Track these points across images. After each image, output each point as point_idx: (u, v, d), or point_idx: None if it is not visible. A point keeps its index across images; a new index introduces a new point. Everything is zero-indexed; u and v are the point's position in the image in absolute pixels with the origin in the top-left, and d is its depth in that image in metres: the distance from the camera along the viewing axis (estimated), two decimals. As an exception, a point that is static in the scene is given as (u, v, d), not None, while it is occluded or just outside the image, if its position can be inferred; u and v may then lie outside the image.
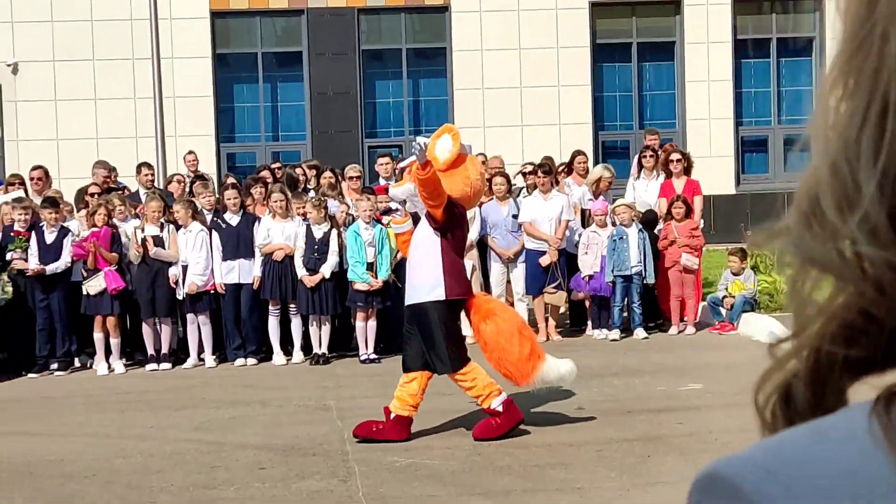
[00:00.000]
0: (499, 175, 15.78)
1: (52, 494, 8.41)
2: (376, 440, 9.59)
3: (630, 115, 27.92)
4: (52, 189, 16.39)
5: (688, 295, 15.49)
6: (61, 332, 14.59)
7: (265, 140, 26.89)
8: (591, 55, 27.19)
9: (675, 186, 16.02)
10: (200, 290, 14.38)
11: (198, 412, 11.48)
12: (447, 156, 9.72)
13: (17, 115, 25.57)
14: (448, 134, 9.90)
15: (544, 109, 26.70)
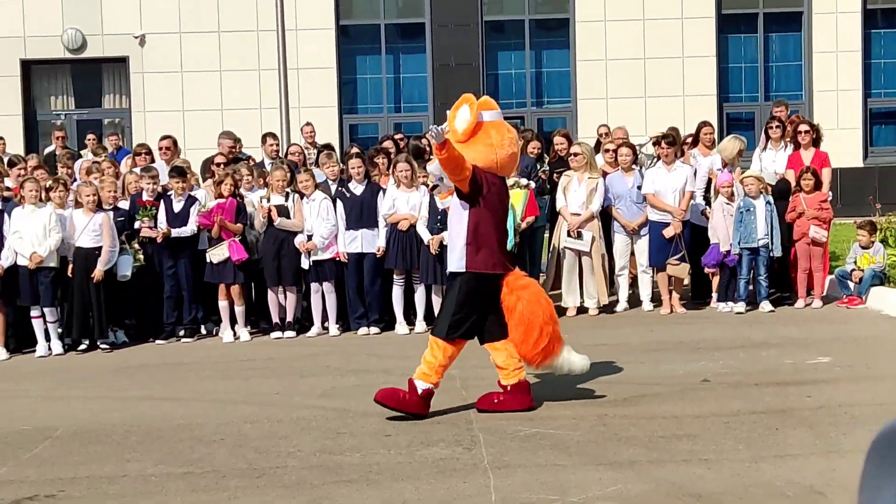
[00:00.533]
0: (624, 146, 15.66)
1: (183, 458, 8.53)
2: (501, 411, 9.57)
3: (755, 86, 27.52)
4: (179, 159, 16.61)
5: (815, 268, 15.21)
6: (188, 300, 14.81)
7: (387, 111, 27.01)
8: (716, 26, 26.82)
9: (803, 158, 15.74)
10: (323, 258, 14.48)
11: (322, 380, 11.57)
12: (465, 126, 9.54)
13: (144, 86, 26.01)
14: (466, 104, 9.69)
15: (668, 81, 26.45)
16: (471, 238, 9.51)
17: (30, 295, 14.10)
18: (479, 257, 9.53)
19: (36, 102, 26.64)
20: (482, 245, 9.55)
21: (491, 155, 9.59)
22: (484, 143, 9.57)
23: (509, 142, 9.74)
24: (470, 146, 9.52)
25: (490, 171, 9.63)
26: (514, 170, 11.38)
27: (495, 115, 9.85)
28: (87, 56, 26.14)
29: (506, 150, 9.69)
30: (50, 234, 13.95)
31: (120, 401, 10.92)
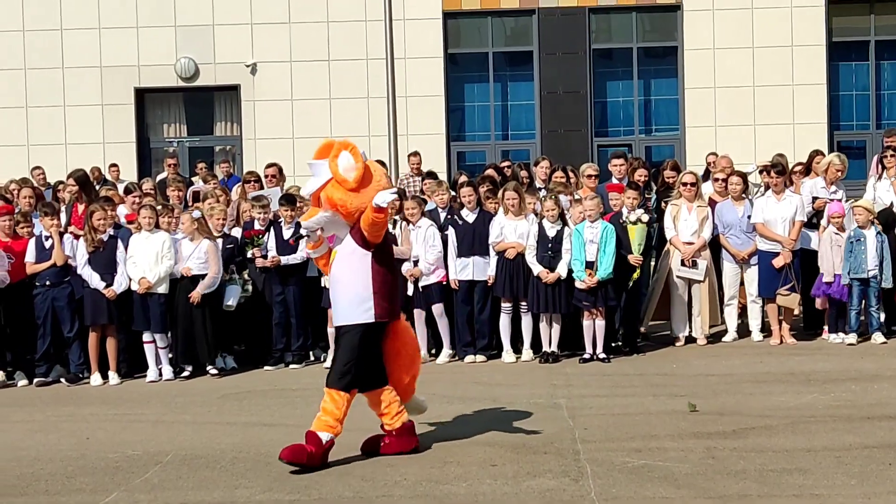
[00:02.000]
0: (735, 174, 15.50)
1: (291, 485, 8.58)
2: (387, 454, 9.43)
3: (867, 114, 27.09)
4: (294, 186, 16.77)
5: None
6: (296, 327, 14.92)
7: (494, 139, 27.02)
8: (826, 53, 26.47)
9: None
10: (429, 282, 14.51)
11: (430, 408, 11.54)
12: (355, 174, 9.12)
13: (255, 114, 26.31)
14: (345, 150, 9.22)
15: (778, 108, 26.15)
16: (378, 287, 9.22)
17: (142, 320, 14.32)
18: (387, 306, 9.29)
19: (149, 130, 27.08)
20: (389, 293, 9.34)
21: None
22: (373, 188, 9.18)
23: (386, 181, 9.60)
24: (363, 192, 9.13)
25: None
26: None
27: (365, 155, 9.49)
28: (199, 84, 26.53)
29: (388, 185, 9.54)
30: (162, 260, 14.16)
31: (229, 426, 11.03)
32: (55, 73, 26.06)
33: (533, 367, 14.10)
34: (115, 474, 9.12)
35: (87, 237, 14.25)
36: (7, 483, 8.96)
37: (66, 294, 14.36)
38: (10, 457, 9.85)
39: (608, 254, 14.09)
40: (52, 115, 26.06)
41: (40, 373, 14.40)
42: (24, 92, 26.00)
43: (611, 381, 12.91)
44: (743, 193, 15.35)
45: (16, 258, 14.40)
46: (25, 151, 25.62)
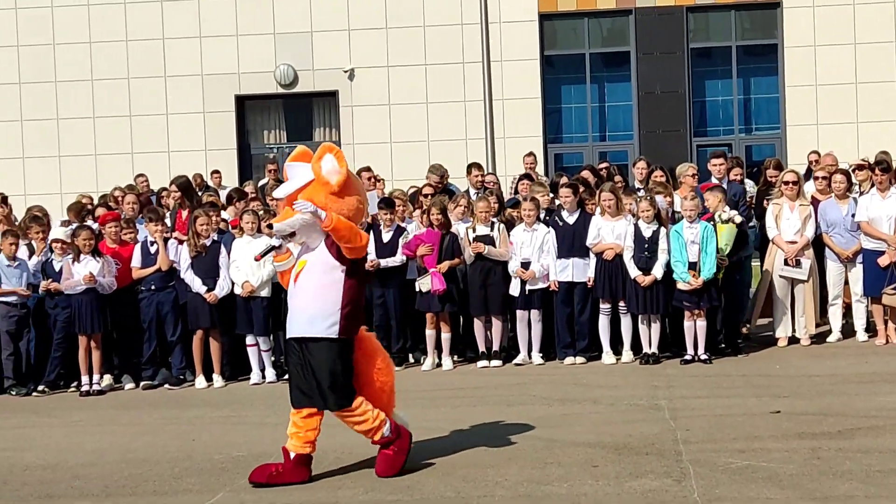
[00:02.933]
0: (839, 173, 15.31)
1: (392, 485, 8.63)
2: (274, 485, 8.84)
3: (974, 109, 26.59)
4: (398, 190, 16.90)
5: None
6: (395, 329, 15.01)
7: (592, 140, 26.95)
8: (932, 48, 26.06)
9: None
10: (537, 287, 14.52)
11: (529, 409, 11.58)
12: (338, 178, 8.79)
13: (353, 119, 26.51)
14: (330, 153, 8.91)
15: (881, 105, 25.74)
16: (346, 303, 8.87)
17: (245, 323, 14.50)
18: (353, 322, 8.97)
19: (249, 136, 27.42)
20: (356, 309, 9.00)
21: (360, 204, 9.03)
22: (355, 194, 8.96)
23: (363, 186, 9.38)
24: (344, 198, 8.85)
25: (354, 222, 8.92)
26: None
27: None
28: (298, 91, 26.82)
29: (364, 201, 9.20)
30: (264, 264, 14.31)
31: (332, 427, 11.04)
32: (157, 82, 26.50)
33: (633, 369, 14.04)
34: (221, 475, 9.25)
35: (190, 242, 14.46)
36: (118, 483, 9.13)
37: (171, 298, 14.59)
38: (120, 458, 10.03)
39: (710, 254, 13.98)
40: (154, 123, 26.51)
41: (146, 376, 14.65)
42: (127, 101, 26.46)
43: (713, 382, 12.81)
44: (847, 191, 15.15)
45: (122, 264, 14.67)
46: (130, 159, 26.08)
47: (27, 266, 14.82)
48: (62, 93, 26.53)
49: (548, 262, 14.54)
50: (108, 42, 26.41)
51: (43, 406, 13.73)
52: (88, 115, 26.57)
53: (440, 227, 14.69)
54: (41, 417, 12.90)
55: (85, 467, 9.84)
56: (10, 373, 14.66)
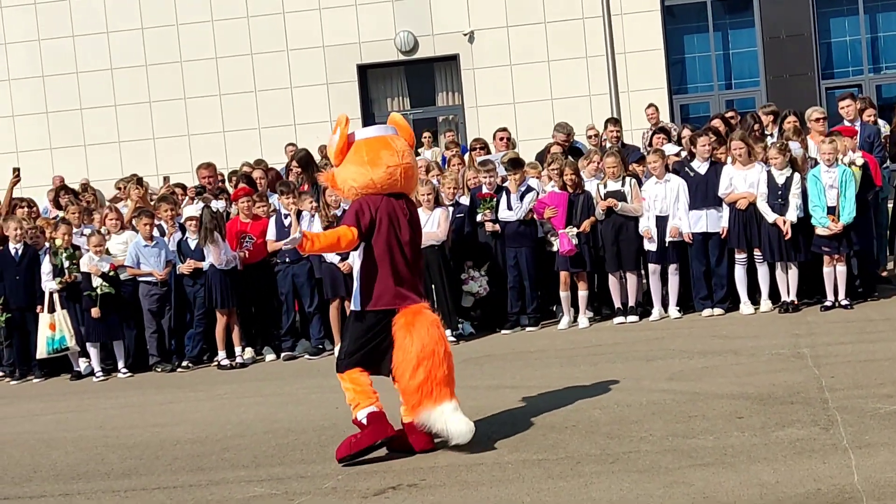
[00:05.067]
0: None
1: (536, 444, 8.62)
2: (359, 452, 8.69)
3: None
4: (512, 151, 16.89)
5: None
6: (529, 289, 15.02)
7: (718, 89, 26.59)
8: None
9: None
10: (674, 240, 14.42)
11: (669, 363, 11.51)
12: (333, 148, 8.85)
13: (476, 82, 26.47)
14: (338, 126, 8.94)
15: None
16: (363, 275, 8.83)
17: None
18: (373, 295, 8.77)
19: (373, 105, 27.55)
20: (376, 282, 8.78)
21: (366, 175, 8.80)
22: (355, 163, 8.83)
23: (389, 157, 8.84)
24: (343, 167, 8.89)
25: (375, 192, 8.85)
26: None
27: (375, 130, 9.17)
28: (419, 57, 26.85)
29: (382, 169, 8.79)
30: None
31: (471, 390, 11.15)
32: (280, 56, 26.73)
33: (773, 318, 13.86)
34: (366, 441, 9.34)
35: (321, 213, 14.60)
36: (266, 454, 9.29)
37: (306, 270, 14.78)
38: (266, 429, 10.20)
39: (849, 198, 13.71)
40: (279, 97, 26.76)
41: (286, 347, 14.86)
42: (251, 76, 26.75)
43: (855, 327, 12.60)
44: None
45: (257, 237, 14.89)
46: (256, 134, 26.39)
47: (165, 244, 15.12)
48: (188, 72, 26.91)
49: (681, 213, 14.40)
50: (229, 20, 26.70)
51: (188, 381, 14.02)
52: (214, 92, 26.93)
53: (573, 187, 14.63)
54: (186, 392, 13.16)
55: (233, 439, 10.03)
56: (154, 350, 15.00)
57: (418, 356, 8.55)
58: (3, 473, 9.60)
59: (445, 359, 8.69)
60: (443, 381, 8.63)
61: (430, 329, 8.68)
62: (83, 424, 11.65)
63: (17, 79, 27.22)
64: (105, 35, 27.02)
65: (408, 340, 8.60)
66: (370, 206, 8.79)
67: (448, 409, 8.61)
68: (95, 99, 27.05)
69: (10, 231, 15.50)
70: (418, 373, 8.55)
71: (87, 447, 10.32)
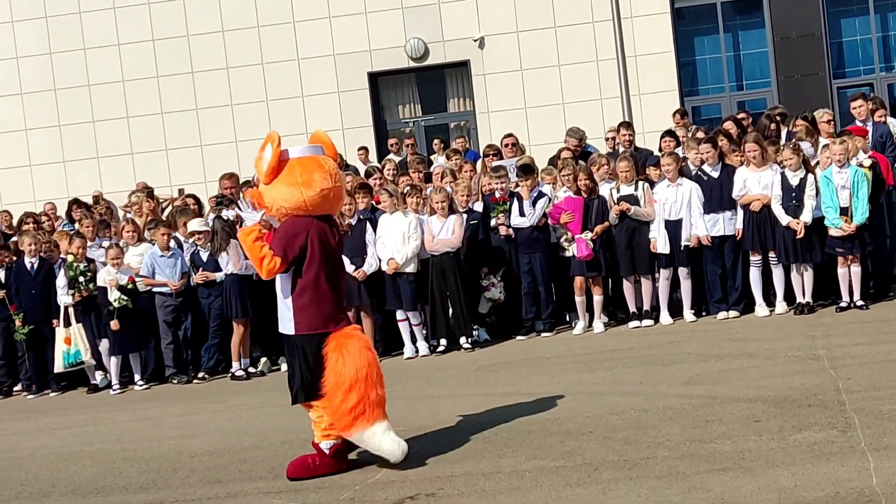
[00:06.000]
0: None
1: (553, 451, 8.64)
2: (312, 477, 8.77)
3: None
4: (526, 156, 16.89)
5: None
6: (544, 295, 15.01)
7: (729, 90, 26.53)
8: None
9: None
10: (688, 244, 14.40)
11: (685, 367, 11.49)
12: (264, 166, 8.70)
13: (486, 87, 26.44)
14: (270, 143, 8.77)
15: None
16: (296, 298, 8.72)
17: (394, 299, 14.63)
18: (307, 318, 8.72)
19: (385, 112, 27.53)
20: (310, 304, 8.72)
21: (297, 195, 8.70)
22: (287, 184, 8.71)
23: (322, 180, 8.75)
24: (274, 186, 8.73)
25: (305, 213, 8.77)
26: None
27: (307, 150, 8.97)
28: (429, 63, 26.82)
29: (315, 191, 8.72)
30: (409, 240, 14.41)
31: (487, 397, 11.18)
32: (291, 65, 26.74)
33: (788, 320, 13.84)
34: (383, 451, 9.34)
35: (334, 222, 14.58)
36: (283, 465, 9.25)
37: (321, 279, 14.75)
38: (283, 439, 10.22)
39: (862, 198, 13.69)
40: (291, 106, 26.76)
41: (302, 357, 14.84)
42: (263, 86, 26.76)
43: (871, 328, 12.57)
44: None
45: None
46: (269, 144, 26.37)
47: (181, 255, 15.16)
48: (199, 83, 26.94)
49: (696, 216, 14.38)
50: (241, 30, 26.72)
51: (204, 392, 14.04)
52: (226, 103, 26.95)
53: (588, 192, 14.63)
54: (203, 404, 13.19)
55: (251, 450, 10.04)
56: (170, 361, 15.03)
57: (351, 379, 8.59)
58: (22, 489, 9.63)
59: (378, 381, 8.77)
60: (375, 402, 8.70)
61: (362, 352, 8.75)
62: (100, 438, 11.68)
63: (29, 92, 27.26)
64: (116, 47, 27.05)
65: (340, 363, 8.64)
66: (302, 231, 8.74)
67: (380, 430, 8.70)
68: (108, 111, 27.08)
69: (25, 245, 15.57)
70: (351, 395, 8.60)
71: (105, 461, 10.34)
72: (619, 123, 18.38)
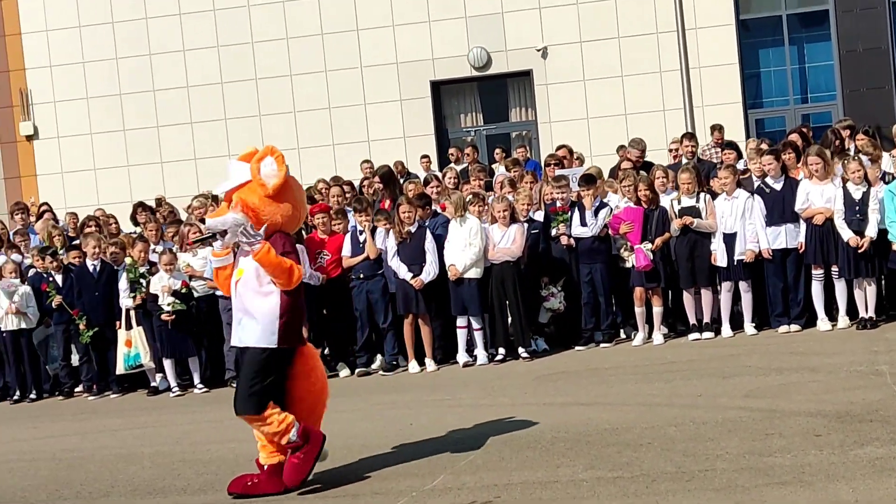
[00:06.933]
0: None
1: (612, 462, 8.61)
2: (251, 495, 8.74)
3: None
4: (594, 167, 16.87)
5: None
6: (604, 305, 14.96)
7: (793, 103, 26.35)
8: None
9: None
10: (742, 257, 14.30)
11: (745, 380, 11.41)
12: (275, 181, 8.55)
13: (549, 97, 26.43)
14: (271, 156, 8.65)
15: None
16: (283, 312, 8.60)
17: (455, 306, 14.63)
18: (291, 332, 8.69)
19: (446, 121, 27.58)
20: (295, 319, 8.72)
21: (296, 216, 8.81)
22: (289, 201, 8.71)
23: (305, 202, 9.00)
24: (277, 203, 8.63)
25: (291, 229, 8.87)
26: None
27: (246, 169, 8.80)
28: (492, 72, 26.85)
29: (304, 211, 8.98)
30: (470, 246, 14.42)
31: (545, 407, 11.16)
32: (354, 73, 26.85)
33: (850, 334, 13.71)
34: (441, 457, 9.35)
35: (395, 230, 14.65)
36: (340, 470, 9.32)
37: (380, 286, 14.84)
38: (342, 444, 10.20)
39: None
40: (353, 113, 26.87)
41: (361, 363, 14.91)
42: (325, 93, 26.89)
43: (939, 344, 12.45)
44: None
45: (333, 254, 14.99)
46: (330, 151, 26.53)
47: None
48: (262, 90, 27.12)
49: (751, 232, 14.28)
50: (305, 37, 26.88)
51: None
52: (289, 109, 27.10)
53: (648, 203, 14.59)
54: (262, 407, 13.21)
55: (308, 454, 10.06)
56: (231, 364, 15.10)
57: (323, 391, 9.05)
58: (82, 488, 9.72)
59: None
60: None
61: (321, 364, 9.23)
62: (160, 440, 11.77)
63: (94, 97, 27.57)
64: (181, 53, 27.30)
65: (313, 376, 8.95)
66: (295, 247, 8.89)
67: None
68: (172, 116, 27.34)
69: (89, 248, 15.74)
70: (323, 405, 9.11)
71: (164, 462, 10.42)
72: (682, 134, 18.32)
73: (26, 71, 27.95)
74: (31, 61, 27.90)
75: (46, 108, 27.87)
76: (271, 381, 8.67)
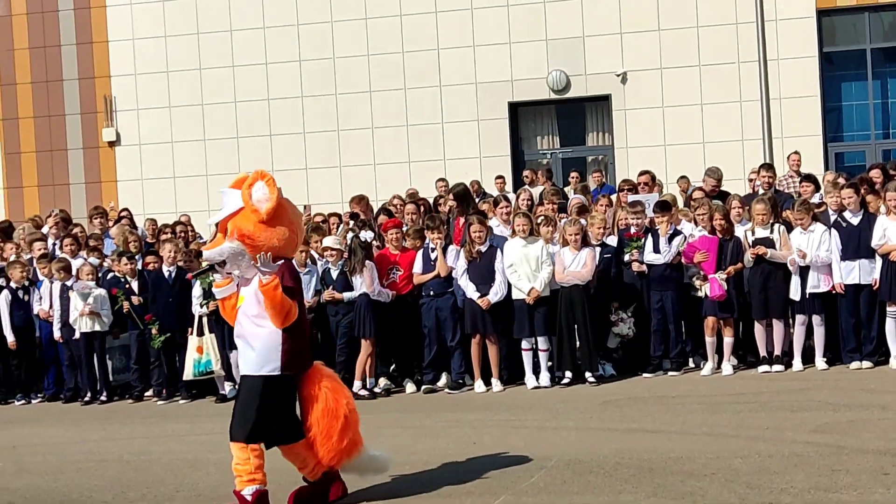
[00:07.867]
0: None
1: (674, 491, 8.56)
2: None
3: None
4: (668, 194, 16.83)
5: None
6: (674, 333, 14.89)
7: (875, 138, 26.08)
8: None
9: None
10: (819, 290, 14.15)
11: (814, 414, 11.30)
12: (267, 206, 8.43)
13: (626, 122, 26.37)
14: (261, 180, 8.52)
15: None
16: (287, 337, 8.55)
17: (522, 327, 14.60)
18: (294, 359, 8.62)
19: (523, 143, 27.61)
20: (299, 346, 8.66)
21: (292, 240, 8.71)
22: (286, 226, 8.63)
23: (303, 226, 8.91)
24: (271, 227, 8.53)
25: (288, 254, 8.76)
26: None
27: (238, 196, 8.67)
28: (570, 96, 26.84)
29: (301, 236, 8.89)
30: (541, 266, 14.41)
31: (610, 432, 11.12)
32: (433, 91, 26.95)
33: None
34: (503, 478, 9.35)
35: (465, 248, 14.68)
36: (402, 485, 9.34)
37: (450, 304, 14.86)
38: (404, 460, 10.24)
39: None
40: (430, 132, 26.98)
41: (427, 380, 14.94)
42: (404, 111, 27.02)
43: None
44: None
45: (404, 269, 15.05)
46: (406, 168, 26.63)
47: (316, 272, 15.38)
48: (342, 105, 27.30)
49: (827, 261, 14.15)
50: (386, 55, 27.04)
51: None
52: (367, 125, 27.27)
53: (723, 232, 14.50)
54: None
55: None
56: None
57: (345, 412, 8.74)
58: (147, 491, 9.83)
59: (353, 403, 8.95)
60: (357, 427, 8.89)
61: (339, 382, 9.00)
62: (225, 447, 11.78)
63: (177, 106, 27.91)
64: (264, 66, 27.57)
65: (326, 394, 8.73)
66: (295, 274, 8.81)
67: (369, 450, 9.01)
68: (252, 128, 27.60)
69: (165, 254, 15.93)
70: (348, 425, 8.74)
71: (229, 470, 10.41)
72: (760, 165, 18.21)
73: (111, 78, 28.36)
74: (117, 69, 28.31)
75: (129, 115, 28.27)
76: (269, 407, 8.61)
